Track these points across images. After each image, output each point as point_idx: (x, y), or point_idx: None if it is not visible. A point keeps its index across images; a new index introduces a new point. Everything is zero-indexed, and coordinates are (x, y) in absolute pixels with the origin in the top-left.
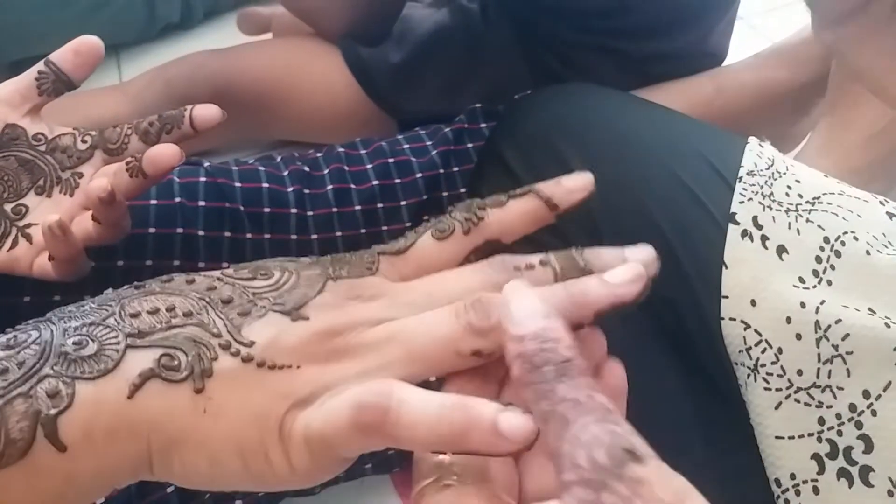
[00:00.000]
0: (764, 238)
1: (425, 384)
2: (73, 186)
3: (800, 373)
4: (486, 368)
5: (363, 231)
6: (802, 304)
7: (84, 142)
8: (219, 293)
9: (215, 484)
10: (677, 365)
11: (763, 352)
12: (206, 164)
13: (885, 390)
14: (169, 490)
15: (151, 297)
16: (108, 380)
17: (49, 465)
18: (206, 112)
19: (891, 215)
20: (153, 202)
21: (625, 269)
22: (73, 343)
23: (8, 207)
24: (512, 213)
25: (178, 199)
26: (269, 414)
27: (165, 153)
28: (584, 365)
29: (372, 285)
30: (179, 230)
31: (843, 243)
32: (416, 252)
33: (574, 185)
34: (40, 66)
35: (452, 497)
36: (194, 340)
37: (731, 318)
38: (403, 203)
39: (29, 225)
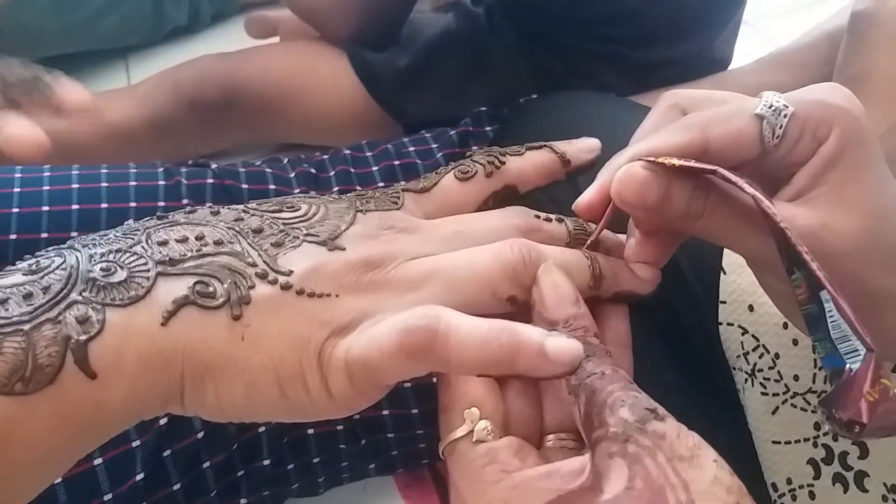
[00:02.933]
0: None
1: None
2: None
3: (796, 378)
4: None
5: None
6: None
7: None
8: (247, 223)
9: (250, 414)
10: (676, 368)
11: (760, 357)
12: (214, 165)
13: None
14: (175, 487)
15: (177, 226)
16: (139, 307)
17: (77, 392)
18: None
19: None
20: (161, 203)
21: (650, 271)
22: (101, 269)
23: None
24: (529, 161)
25: (185, 201)
26: (308, 340)
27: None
28: (606, 349)
29: (401, 218)
30: None
31: None
32: (439, 190)
33: (584, 146)
34: None
35: (484, 451)
36: (229, 269)
37: (728, 324)
38: None
39: None
